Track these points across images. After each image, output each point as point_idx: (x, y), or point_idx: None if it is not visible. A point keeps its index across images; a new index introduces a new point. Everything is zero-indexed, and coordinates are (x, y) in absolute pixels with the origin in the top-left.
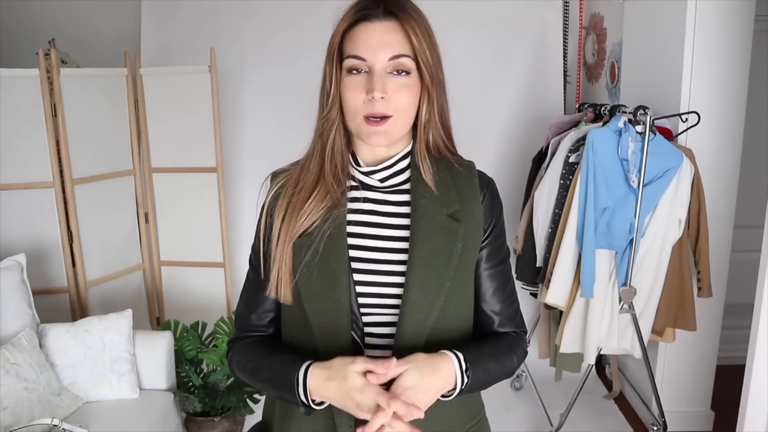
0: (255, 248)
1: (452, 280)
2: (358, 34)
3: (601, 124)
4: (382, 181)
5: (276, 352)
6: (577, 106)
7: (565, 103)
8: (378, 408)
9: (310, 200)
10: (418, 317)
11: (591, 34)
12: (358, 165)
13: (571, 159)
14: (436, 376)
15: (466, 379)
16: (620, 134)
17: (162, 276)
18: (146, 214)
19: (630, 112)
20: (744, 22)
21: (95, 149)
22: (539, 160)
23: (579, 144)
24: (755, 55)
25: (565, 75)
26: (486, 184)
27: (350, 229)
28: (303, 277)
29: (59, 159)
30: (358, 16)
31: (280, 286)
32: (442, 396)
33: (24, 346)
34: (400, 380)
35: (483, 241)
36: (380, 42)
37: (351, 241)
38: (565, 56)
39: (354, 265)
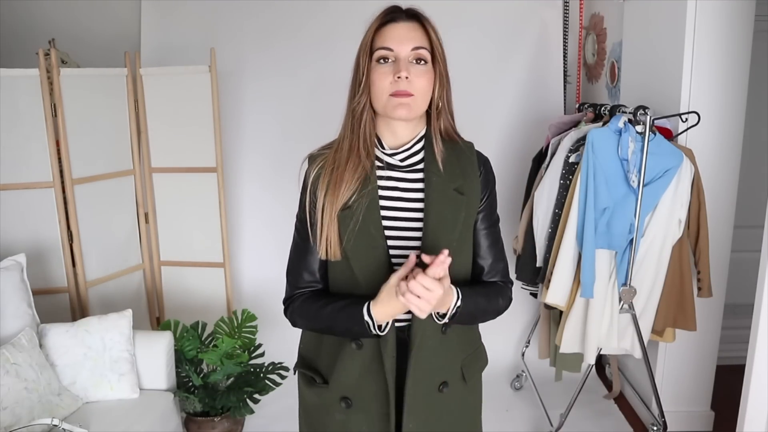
0: (302, 219)
1: (457, 241)
2: (387, 32)
3: (601, 124)
4: (402, 161)
5: (335, 299)
6: (577, 106)
7: (565, 103)
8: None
9: (346, 174)
10: None
11: (591, 34)
12: (383, 148)
13: (571, 159)
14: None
15: (459, 303)
16: (620, 134)
17: (162, 276)
18: (146, 214)
19: (630, 112)
20: (744, 22)
21: (95, 149)
22: (539, 160)
23: (579, 144)
24: (755, 55)
25: (565, 75)
26: (483, 162)
27: (380, 202)
28: (349, 242)
29: (59, 159)
30: (387, 18)
31: (330, 248)
32: (440, 315)
33: (24, 346)
34: None
35: (479, 208)
36: (405, 36)
37: (381, 212)
38: (565, 56)
39: (385, 232)
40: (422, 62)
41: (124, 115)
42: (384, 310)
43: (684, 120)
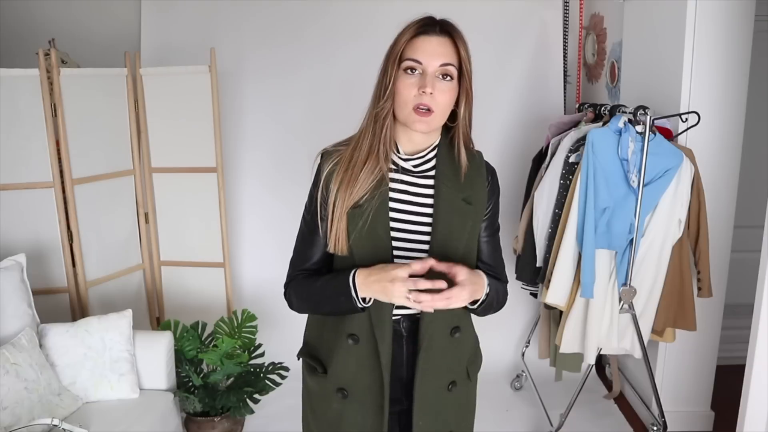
0: (311, 212)
1: (463, 249)
2: (418, 44)
3: (601, 124)
4: (415, 167)
5: (326, 274)
6: (577, 106)
7: (565, 103)
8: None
9: (362, 173)
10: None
11: (591, 34)
12: (398, 152)
13: (571, 159)
14: (476, 283)
15: (487, 290)
16: (620, 134)
17: (162, 276)
18: (146, 214)
19: (630, 112)
20: (744, 22)
21: (95, 149)
22: (539, 160)
23: (579, 144)
24: (755, 55)
25: (565, 75)
26: (491, 173)
27: (390, 204)
28: (356, 240)
29: (59, 159)
30: (420, 31)
31: (339, 243)
32: (469, 307)
33: (24, 346)
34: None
35: (484, 216)
36: (435, 51)
37: (390, 214)
38: (565, 56)
39: (392, 233)
40: (448, 78)
41: (124, 115)
42: (369, 286)
43: (684, 120)
